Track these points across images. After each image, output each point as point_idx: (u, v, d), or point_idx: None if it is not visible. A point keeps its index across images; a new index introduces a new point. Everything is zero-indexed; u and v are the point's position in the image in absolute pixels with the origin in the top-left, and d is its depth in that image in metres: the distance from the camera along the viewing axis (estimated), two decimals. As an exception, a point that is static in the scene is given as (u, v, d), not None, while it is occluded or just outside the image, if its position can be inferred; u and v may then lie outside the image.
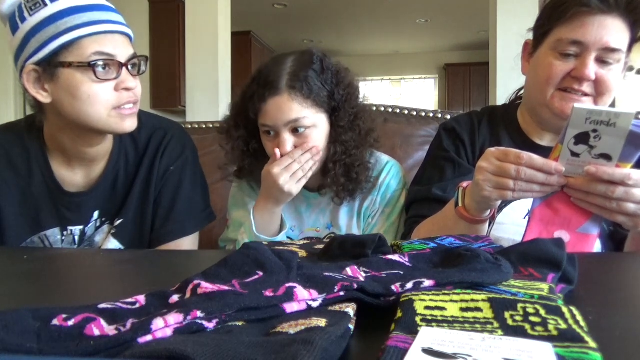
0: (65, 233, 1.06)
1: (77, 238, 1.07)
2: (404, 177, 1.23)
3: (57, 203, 1.05)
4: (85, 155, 1.04)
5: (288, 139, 1.07)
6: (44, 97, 0.94)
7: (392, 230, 1.17)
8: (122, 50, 0.95)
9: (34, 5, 0.91)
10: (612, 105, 1.02)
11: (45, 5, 0.91)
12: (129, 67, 0.96)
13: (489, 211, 0.85)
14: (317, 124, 1.09)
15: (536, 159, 0.75)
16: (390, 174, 1.19)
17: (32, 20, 0.91)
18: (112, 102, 0.94)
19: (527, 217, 0.94)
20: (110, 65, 0.94)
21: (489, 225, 0.90)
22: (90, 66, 0.91)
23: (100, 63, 0.92)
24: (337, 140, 1.11)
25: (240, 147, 1.15)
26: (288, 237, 1.19)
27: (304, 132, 1.07)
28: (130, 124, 0.98)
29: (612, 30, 0.90)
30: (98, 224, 1.08)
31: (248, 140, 1.14)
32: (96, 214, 1.07)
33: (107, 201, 1.07)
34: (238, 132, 1.14)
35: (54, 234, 1.06)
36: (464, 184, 0.88)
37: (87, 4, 0.93)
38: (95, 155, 1.05)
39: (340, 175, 1.12)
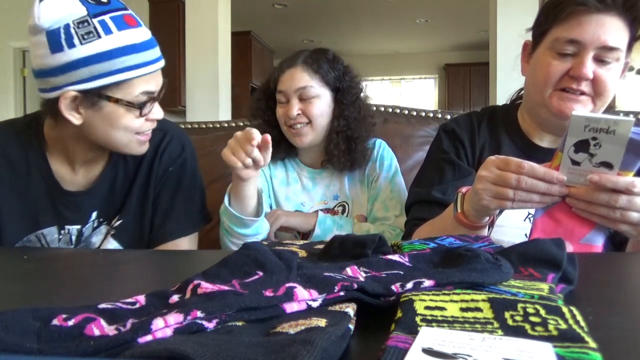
0: (62, 232, 1.06)
1: (74, 238, 1.07)
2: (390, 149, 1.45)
3: (55, 201, 1.05)
4: (86, 157, 1.04)
5: (295, 104, 1.31)
6: (76, 119, 0.95)
7: (397, 190, 1.36)
8: (160, 86, 1.00)
9: (87, 34, 0.89)
10: (612, 104, 1.02)
11: (99, 37, 0.90)
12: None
13: (487, 217, 0.85)
14: (321, 96, 1.33)
15: (537, 168, 0.74)
16: (380, 146, 1.42)
17: (84, 49, 0.89)
18: (137, 129, 0.99)
19: (527, 220, 0.93)
20: (150, 101, 0.98)
21: (488, 229, 0.90)
22: (138, 107, 0.95)
23: (146, 103, 0.96)
24: (340, 115, 1.34)
25: (260, 116, 1.40)
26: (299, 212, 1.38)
27: (309, 100, 1.32)
28: (146, 147, 1.04)
29: (610, 28, 0.89)
30: (95, 225, 1.08)
31: (265, 110, 1.39)
32: (94, 215, 1.07)
33: (106, 202, 1.08)
34: (259, 103, 1.40)
35: (51, 233, 1.06)
36: (463, 190, 0.87)
37: (140, 42, 0.94)
38: (96, 157, 1.06)
39: (342, 143, 1.33)
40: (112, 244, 1.07)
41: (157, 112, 1.01)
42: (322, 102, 1.33)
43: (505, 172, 0.76)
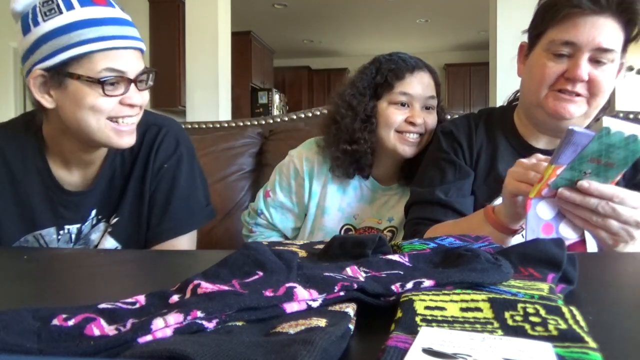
0: (61, 232, 1.06)
1: (73, 236, 1.07)
2: None
3: (54, 202, 1.04)
4: (83, 158, 1.04)
5: (421, 113, 1.22)
6: (48, 102, 0.94)
7: None
8: (132, 66, 0.95)
9: (49, 11, 0.90)
10: (611, 105, 1.02)
11: (61, 12, 0.90)
12: (137, 82, 0.96)
13: (516, 221, 0.85)
14: (434, 110, 1.26)
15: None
16: None
17: (46, 26, 0.90)
18: (108, 112, 0.94)
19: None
20: (120, 81, 0.93)
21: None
22: (99, 82, 0.91)
23: (110, 79, 0.92)
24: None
25: (350, 117, 1.24)
26: (350, 225, 1.31)
27: (429, 111, 1.24)
28: (128, 140, 0.98)
29: (604, 30, 0.90)
30: (95, 222, 1.08)
31: (366, 106, 1.23)
32: (93, 212, 1.07)
33: (104, 199, 1.07)
34: (362, 99, 1.24)
35: (49, 234, 1.05)
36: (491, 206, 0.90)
37: (102, 17, 0.92)
38: (92, 159, 1.05)
39: None
40: (110, 242, 1.07)
41: (134, 96, 0.95)
42: (435, 117, 1.25)
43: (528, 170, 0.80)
